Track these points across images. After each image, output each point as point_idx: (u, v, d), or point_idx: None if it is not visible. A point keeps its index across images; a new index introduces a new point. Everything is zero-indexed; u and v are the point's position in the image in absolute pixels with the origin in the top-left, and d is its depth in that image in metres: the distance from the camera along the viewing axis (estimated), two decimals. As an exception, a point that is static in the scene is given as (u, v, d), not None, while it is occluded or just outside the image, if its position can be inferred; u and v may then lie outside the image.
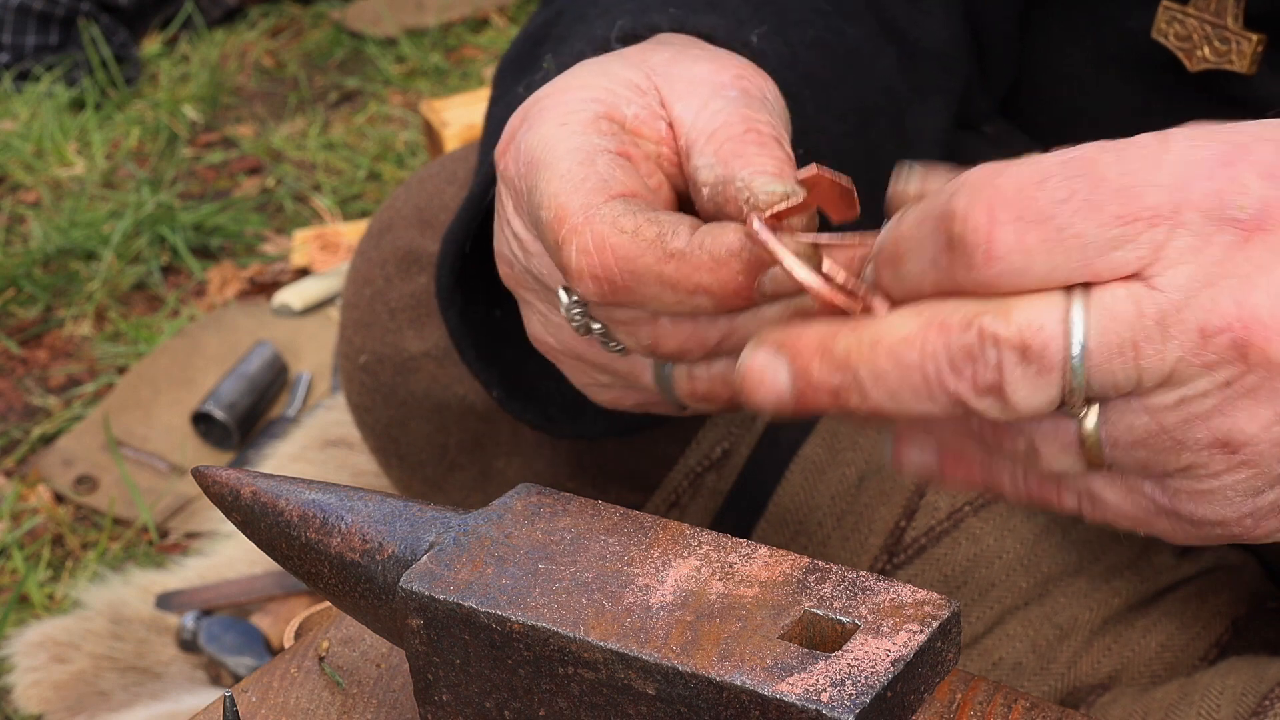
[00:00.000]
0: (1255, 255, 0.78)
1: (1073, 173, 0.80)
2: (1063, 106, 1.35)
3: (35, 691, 2.29)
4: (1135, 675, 1.26)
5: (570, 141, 0.98)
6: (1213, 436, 0.81)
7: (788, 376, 0.87)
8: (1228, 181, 0.79)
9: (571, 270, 0.95)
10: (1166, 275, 0.79)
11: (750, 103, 1.00)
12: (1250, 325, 0.78)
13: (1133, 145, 0.80)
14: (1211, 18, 1.18)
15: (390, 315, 1.52)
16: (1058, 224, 0.79)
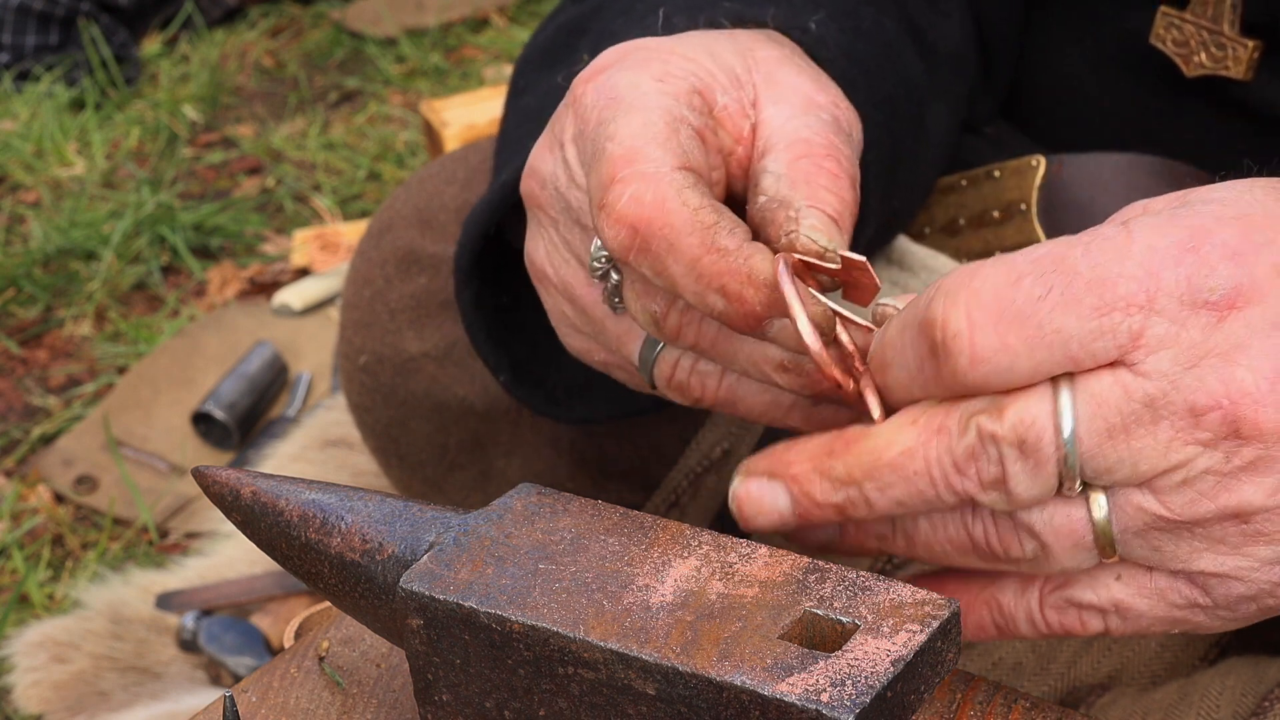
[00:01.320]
0: (1233, 333, 0.81)
1: (1045, 269, 0.82)
2: (1061, 108, 1.35)
3: (35, 691, 2.29)
4: (1135, 675, 1.26)
5: (662, 100, 0.97)
6: (1222, 511, 0.83)
7: (787, 501, 0.90)
8: (1195, 266, 0.81)
9: (613, 211, 0.93)
10: (1149, 360, 0.82)
11: (839, 131, 1.00)
12: (1238, 400, 0.81)
13: (1098, 238, 0.83)
14: (1208, 23, 1.18)
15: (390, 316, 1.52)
16: (1037, 321, 0.82)
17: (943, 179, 1.33)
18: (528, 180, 1.05)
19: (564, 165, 1.02)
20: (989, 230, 1.30)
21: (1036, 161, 1.28)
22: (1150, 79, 1.25)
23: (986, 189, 1.31)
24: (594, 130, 0.98)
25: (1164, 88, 1.25)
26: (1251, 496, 0.83)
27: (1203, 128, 1.25)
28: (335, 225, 3.26)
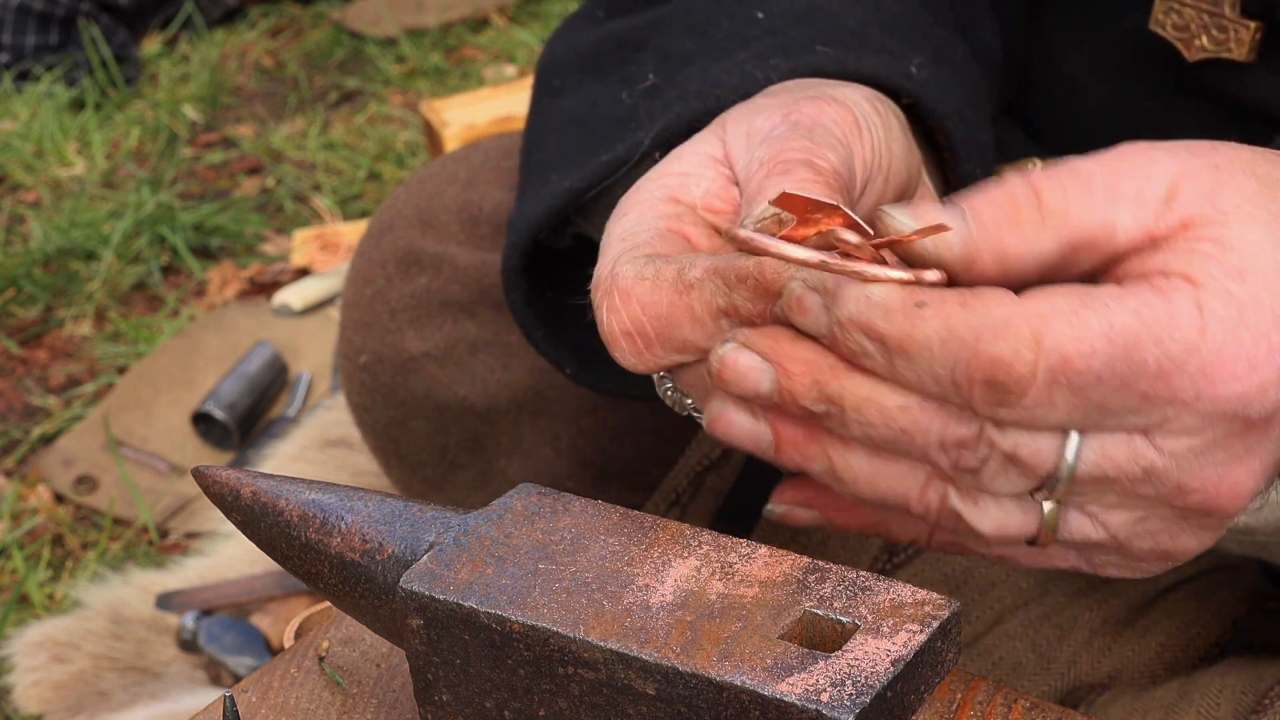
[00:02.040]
0: (1250, 441, 0.86)
1: (1116, 354, 0.83)
2: (1063, 108, 1.35)
3: (35, 691, 2.29)
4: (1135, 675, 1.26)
5: (624, 227, 0.97)
6: (1153, 549, 0.90)
7: (770, 384, 0.87)
8: (1251, 386, 0.84)
9: (608, 336, 0.93)
10: (1168, 441, 0.85)
11: (791, 134, 0.98)
12: (1224, 493, 0.86)
13: (1174, 327, 0.84)
14: (1209, 6, 1.19)
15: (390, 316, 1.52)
16: (1088, 395, 0.84)
17: None
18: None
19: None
20: None
21: (1034, 164, 1.28)
22: (1151, 77, 1.26)
23: None
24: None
25: (1165, 86, 1.25)
26: (1187, 544, 0.89)
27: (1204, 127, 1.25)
28: (335, 225, 3.26)
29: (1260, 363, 0.84)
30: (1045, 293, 0.84)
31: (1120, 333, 0.83)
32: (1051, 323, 0.83)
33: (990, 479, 0.87)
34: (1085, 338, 0.83)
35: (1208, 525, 0.88)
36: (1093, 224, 0.86)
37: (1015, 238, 0.85)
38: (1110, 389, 0.83)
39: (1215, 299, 0.84)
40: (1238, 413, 0.84)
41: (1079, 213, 0.86)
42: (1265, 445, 0.86)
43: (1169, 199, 0.87)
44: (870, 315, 0.84)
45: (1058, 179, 0.87)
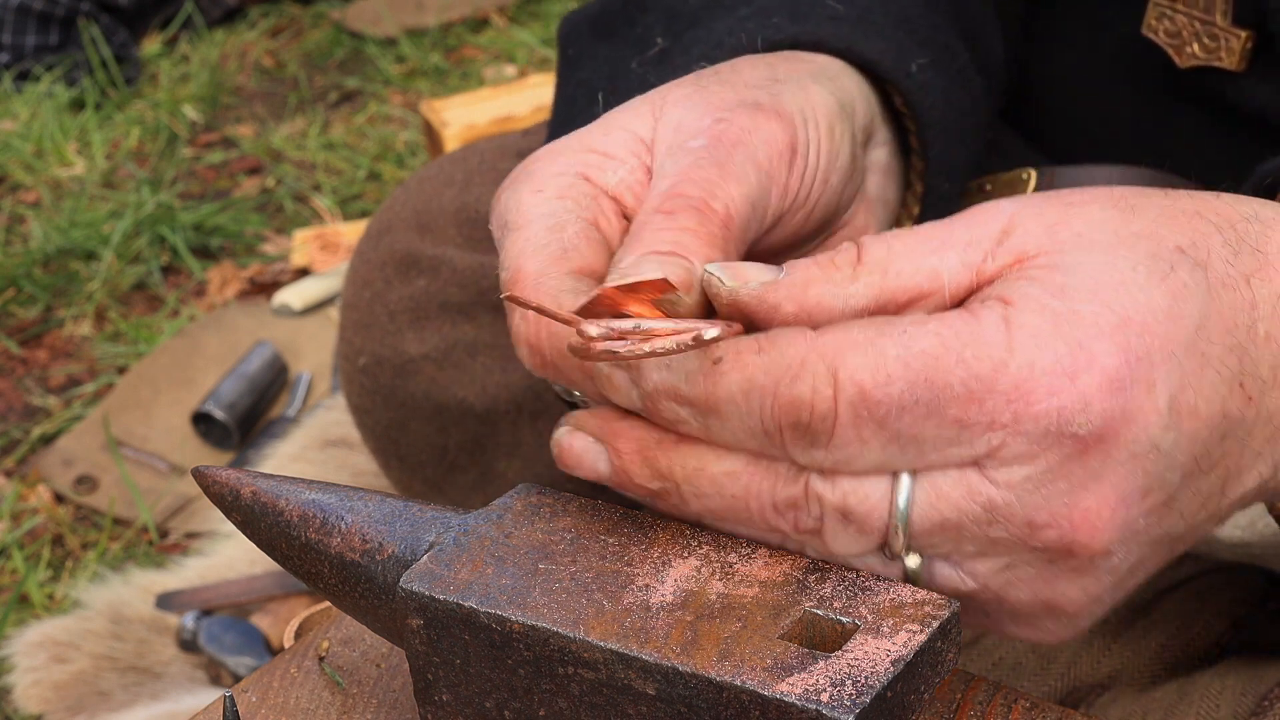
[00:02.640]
0: (1091, 464, 0.80)
1: (916, 379, 0.80)
2: (1059, 111, 1.35)
3: (35, 691, 2.29)
4: (1135, 675, 1.26)
5: (540, 208, 0.94)
6: (1034, 600, 0.85)
7: (607, 467, 0.88)
8: (1070, 399, 0.79)
9: (514, 335, 0.91)
10: (1000, 471, 0.81)
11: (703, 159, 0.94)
12: (1078, 525, 0.81)
13: (976, 342, 0.80)
14: (1200, 14, 1.19)
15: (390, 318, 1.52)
16: (897, 429, 0.81)
17: None
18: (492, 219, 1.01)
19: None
20: None
21: (1027, 174, 1.28)
22: (1145, 82, 1.26)
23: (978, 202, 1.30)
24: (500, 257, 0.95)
25: (1157, 91, 1.25)
26: (1066, 591, 0.84)
27: (1197, 132, 1.25)
28: (335, 225, 3.26)
29: (1079, 372, 0.79)
30: (843, 325, 0.82)
31: (919, 356, 0.80)
32: (846, 355, 0.81)
33: (832, 540, 0.85)
34: (881, 365, 0.80)
35: (1080, 567, 0.83)
36: (912, 272, 0.83)
37: (821, 287, 0.84)
38: (917, 417, 0.80)
39: (1026, 313, 0.81)
40: (1063, 430, 0.80)
41: (899, 265, 0.84)
42: (1113, 468, 0.81)
43: (1002, 237, 0.84)
44: (673, 381, 0.84)
45: (885, 237, 0.85)
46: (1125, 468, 0.81)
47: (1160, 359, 0.81)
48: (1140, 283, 0.82)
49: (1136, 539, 0.83)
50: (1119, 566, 0.84)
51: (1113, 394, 0.80)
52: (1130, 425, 0.80)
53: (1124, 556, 0.83)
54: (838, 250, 0.85)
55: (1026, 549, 0.83)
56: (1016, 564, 0.84)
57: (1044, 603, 0.85)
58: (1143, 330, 0.81)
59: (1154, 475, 0.82)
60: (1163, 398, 0.81)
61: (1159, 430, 0.81)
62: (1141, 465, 0.81)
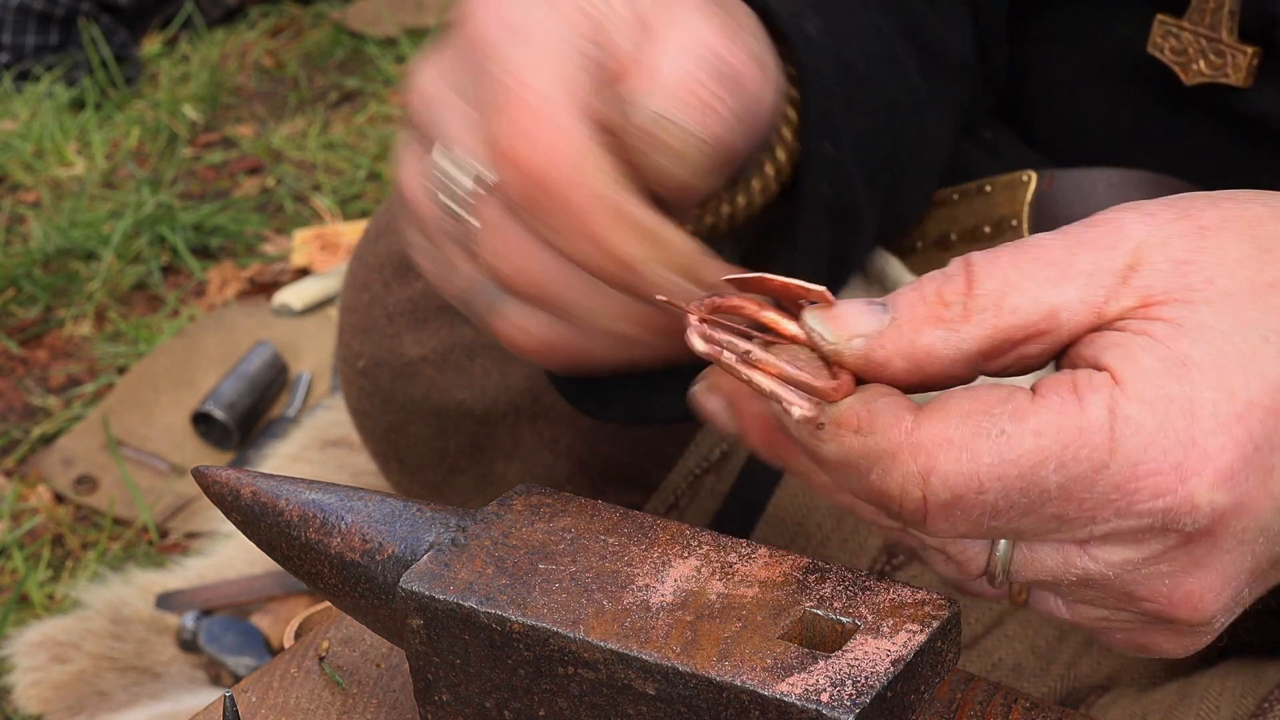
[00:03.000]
0: (1195, 552, 0.79)
1: (1010, 487, 0.78)
2: (1059, 116, 1.35)
3: (35, 691, 2.29)
4: (1135, 676, 1.26)
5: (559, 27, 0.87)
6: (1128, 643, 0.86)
7: (735, 428, 0.88)
8: (1178, 501, 0.77)
9: (507, 151, 0.85)
10: (1103, 551, 0.80)
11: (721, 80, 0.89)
12: (1178, 605, 0.80)
13: (1078, 444, 0.77)
14: (1206, 31, 1.18)
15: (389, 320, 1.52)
16: (993, 526, 0.80)
17: (935, 193, 1.33)
18: (411, 99, 0.95)
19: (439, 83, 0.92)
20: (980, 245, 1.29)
21: (1028, 177, 1.28)
22: (1148, 88, 1.25)
23: (978, 204, 1.30)
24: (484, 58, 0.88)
25: (1162, 96, 1.25)
26: (1161, 644, 0.85)
27: (1201, 137, 1.25)
28: (335, 225, 3.26)
29: (1188, 473, 0.76)
30: (941, 417, 0.79)
31: (1015, 463, 0.77)
32: (938, 457, 0.78)
33: (931, 562, 0.86)
34: (975, 472, 0.77)
35: (1181, 631, 0.83)
36: (1029, 310, 0.79)
37: (932, 333, 0.80)
38: (1013, 517, 0.79)
39: (1135, 403, 0.76)
40: (1167, 526, 0.78)
41: (1014, 300, 0.79)
42: (1219, 556, 0.79)
43: (1127, 272, 0.79)
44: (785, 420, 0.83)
45: (999, 262, 0.80)
46: (1232, 555, 0.79)
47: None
48: (1270, 357, 0.77)
49: (1233, 608, 0.83)
50: (1216, 627, 0.83)
51: (1225, 491, 0.77)
52: (1241, 517, 0.78)
53: (1223, 621, 0.83)
54: (945, 280, 0.81)
55: (1125, 611, 0.83)
56: (1116, 616, 0.84)
57: (1139, 645, 0.85)
58: (1265, 415, 0.77)
59: (1262, 556, 0.80)
60: (1278, 482, 0.78)
61: (1270, 517, 0.79)
62: (1250, 550, 0.80)
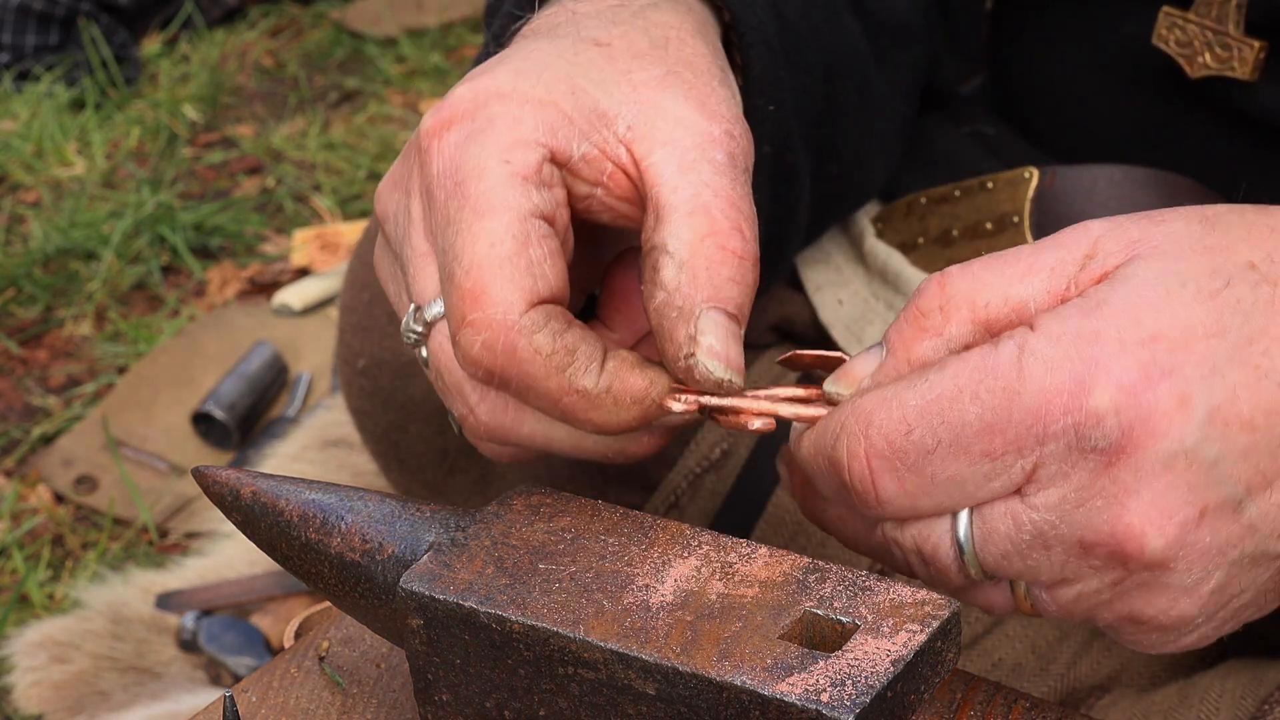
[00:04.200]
0: (1120, 476, 0.82)
1: (933, 422, 0.84)
2: (1061, 113, 1.35)
3: (35, 691, 2.29)
4: (1134, 677, 1.26)
5: (509, 196, 0.92)
6: (1117, 616, 0.88)
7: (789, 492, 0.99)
8: (1081, 417, 0.82)
9: (469, 355, 0.92)
10: (1039, 495, 0.84)
11: (735, 174, 0.94)
12: (1123, 540, 0.83)
13: (989, 376, 0.83)
14: (1213, 24, 1.18)
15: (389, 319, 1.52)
16: (930, 472, 0.84)
17: (936, 189, 1.33)
18: (377, 202, 1.01)
19: (406, 215, 0.98)
20: (982, 242, 1.30)
21: (1029, 173, 1.28)
22: (1151, 84, 1.25)
23: (980, 200, 1.31)
24: (441, 221, 0.93)
25: (1164, 93, 1.25)
26: (1144, 608, 0.87)
27: (1203, 134, 1.25)
28: (335, 225, 3.26)
29: (1090, 386, 0.81)
30: (879, 385, 0.87)
31: (935, 400, 0.83)
32: (873, 413, 0.85)
33: (922, 575, 0.89)
34: (901, 416, 0.84)
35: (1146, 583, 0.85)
36: (1000, 304, 0.86)
37: (923, 345, 0.87)
38: (945, 457, 0.83)
39: (1043, 338, 0.83)
40: (1082, 446, 0.82)
41: (985, 296, 0.86)
42: (1146, 481, 0.82)
43: (1086, 259, 0.86)
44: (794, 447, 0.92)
45: (968, 267, 0.87)
46: (1161, 480, 0.82)
47: (1196, 373, 0.82)
48: (1184, 299, 0.83)
49: (1206, 555, 0.84)
50: (1194, 585, 0.85)
51: (1128, 402, 0.81)
52: (1152, 434, 0.82)
53: (1196, 573, 0.85)
54: (920, 294, 0.88)
55: (1090, 571, 0.85)
56: (1088, 588, 0.86)
57: (1129, 618, 0.87)
58: (1173, 346, 0.82)
59: (1199, 487, 0.83)
60: (1199, 409, 0.81)
61: (1193, 437, 0.82)
62: (1180, 476, 0.82)
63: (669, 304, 0.92)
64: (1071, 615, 0.88)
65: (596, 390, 0.92)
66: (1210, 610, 0.87)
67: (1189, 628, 0.88)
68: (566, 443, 0.97)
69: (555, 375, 0.91)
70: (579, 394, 0.92)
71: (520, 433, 0.96)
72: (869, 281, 1.34)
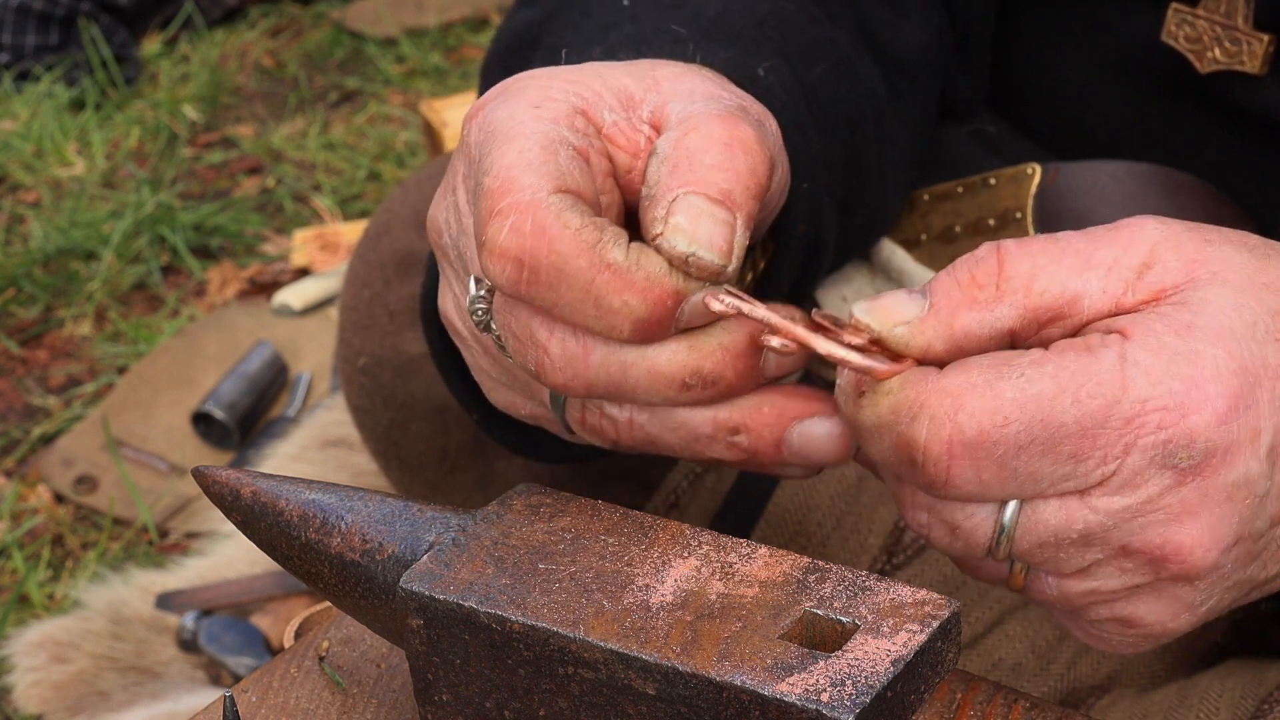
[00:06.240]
0: (1187, 498, 0.84)
1: (1032, 420, 0.83)
2: (1064, 112, 1.35)
3: (35, 691, 2.29)
4: (1134, 676, 1.26)
5: (538, 126, 0.94)
6: (1113, 616, 0.89)
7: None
8: (1177, 434, 0.83)
9: (496, 246, 0.90)
10: (1104, 500, 0.85)
11: (745, 115, 0.95)
12: (1170, 555, 0.85)
13: (1091, 380, 0.84)
14: (1221, 19, 1.18)
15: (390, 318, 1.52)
16: (1014, 467, 0.84)
17: (939, 186, 1.33)
18: (429, 230, 1.02)
19: (454, 211, 0.99)
20: (985, 238, 1.30)
21: (1032, 169, 1.28)
22: (1154, 82, 1.25)
23: (982, 197, 1.30)
24: (474, 168, 0.95)
25: (1168, 90, 1.25)
26: (1144, 614, 0.88)
27: (1208, 131, 1.25)
28: (335, 225, 3.26)
29: (1191, 411, 0.83)
30: (962, 366, 0.86)
31: (1035, 399, 0.83)
32: (964, 398, 0.84)
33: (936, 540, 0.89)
34: (999, 408, 0.83)
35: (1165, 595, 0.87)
36: (1056, 294, 0.86)
37: (967, 315, 0.87)
38: (1034, 455, 0.84)
39: (1143, 350, 0.84)
40: (1166, 463, 0.83)
41: (1043, 283, 0.87)
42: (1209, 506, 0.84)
43: (1144, 268, 0.87)
44: (840, 398, 0.90)
45: (1028, 247, 0.87)
46: (1221, 507, 0.84)
47: (1268, 409, 0.84)
48: (1258, 337, 0.85)
49: (1221, 579, 0.87)
50: (1199, 603, 0.88)
51: (1220, 431, 0.83)
52: (1230, 463, 0.84)
53: (1203, 593, 0.87)
54: (978, 263, 0.87)
55: (1117, 573, 0.86)
56: (1105, 586, 0.87)
57: (1124, 619, 0.89)
58: (1256, 381, 0.84)
59: (1247, 519, 0.85)
60: (1264, 444, 0.84)
61: (1256, 472, 0.84)
62: (1236, 506, 0.85)
63: (646, 196, 0.92)
64: (1069, 604, 0.89)
65: (627, 263, 0.90)
66: (1190, 625, 0.89)
67: (1166, 637, 0.90)
68: (640, 366, 0.93)
69: (586, 252, 0.89)
70: (611, 269, 0.89)
71: (592, 363, 0.93)
72: (872, 279, 1.34)
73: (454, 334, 1.04)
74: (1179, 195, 1.24)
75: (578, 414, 0.99)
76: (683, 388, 0.94)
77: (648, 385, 0.94)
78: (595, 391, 0.94)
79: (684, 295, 0.91)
